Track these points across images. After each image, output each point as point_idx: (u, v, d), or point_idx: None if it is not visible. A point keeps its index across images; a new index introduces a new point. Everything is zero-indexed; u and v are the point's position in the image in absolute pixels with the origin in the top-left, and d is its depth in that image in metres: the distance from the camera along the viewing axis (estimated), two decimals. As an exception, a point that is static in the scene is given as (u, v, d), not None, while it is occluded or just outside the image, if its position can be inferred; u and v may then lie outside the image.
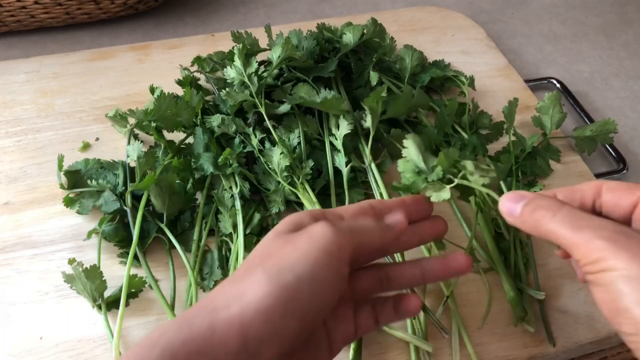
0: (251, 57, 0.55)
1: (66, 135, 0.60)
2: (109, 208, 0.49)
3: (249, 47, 0.62)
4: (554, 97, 0.57)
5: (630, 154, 0.65)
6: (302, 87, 0.55)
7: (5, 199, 0.54)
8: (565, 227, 0.32)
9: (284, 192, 0.51)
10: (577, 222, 0.32)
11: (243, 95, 0.53)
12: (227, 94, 0.54)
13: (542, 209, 0.33)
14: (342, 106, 0.53)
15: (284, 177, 0.51)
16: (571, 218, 0.32)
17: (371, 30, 0.63)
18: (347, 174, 0.52)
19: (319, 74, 0.58)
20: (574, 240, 0.31)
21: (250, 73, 0.54)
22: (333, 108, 0.53)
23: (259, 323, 0.28)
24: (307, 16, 0.84)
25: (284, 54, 0.54)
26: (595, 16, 0.88)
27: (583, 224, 0.31)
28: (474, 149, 0.56)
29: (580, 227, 0.31)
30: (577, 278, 0.49)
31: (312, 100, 0.53)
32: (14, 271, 0.48)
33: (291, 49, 0.54)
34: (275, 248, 0.33)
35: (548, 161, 0.58)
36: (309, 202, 0.49)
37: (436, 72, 0.64)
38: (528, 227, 0.34)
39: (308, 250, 0.31)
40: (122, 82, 0.66)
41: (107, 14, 0.76)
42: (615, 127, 0.57)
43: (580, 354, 0.47)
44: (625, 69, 0.78)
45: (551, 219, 0.33)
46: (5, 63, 0.68)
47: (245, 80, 0.53)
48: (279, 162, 0.50)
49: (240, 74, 0.54)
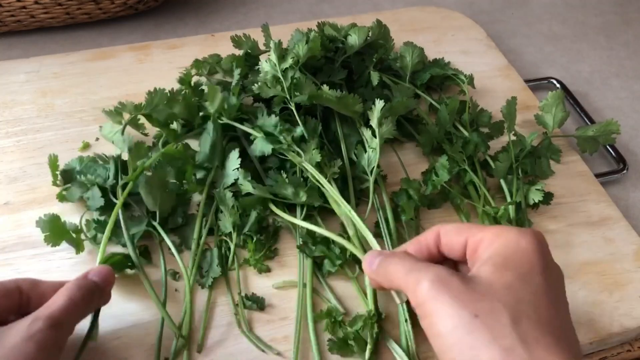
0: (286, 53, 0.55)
1: (66, 135, 0.60)
2: (96, 204, 0.49)
3: (250, 51, 0.62)
4: (557, 96, 0.57)
5: (630, 154, 0.65)
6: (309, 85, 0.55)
7: (5, 199, 0.54)
8: (400, 271, 0.36)
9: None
10: (411, 265, 0.36)
11: (275, 90, 0.53)
12: (260, 87, 0.54)
13: (385, 261, 0.38)
14: (357, 107, 0.53)
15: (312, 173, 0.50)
16: (407, 262, 0.36)
17: (376, 32, 0.63)
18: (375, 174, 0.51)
19: (328, 78, 0.58)
20: (405, 283, 0.35)
21: (284, 68, 0.53)
22: (348, 108, 0.53)
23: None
24: (307, 16, 0.84)
25: (309, 52, 0.54)
26: (595, 16, 0.88)
27: (415, 267, 0.35)
28: (476, 146, 0.56)
29: (412, 270, 0.35)
30: (574, 279, 0.49)
31: (328, 98, 0.52)
32: (14, 271, 0.48)
33: (315, 46, 0.54)
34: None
35: (549, 161, 0.58)
36: (335, 203, 0.49)
37: (436, 70, 0.64)
38: (380, 278, 0.38)
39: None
40: (122, 82, 0.66)
41: (107, 14, 0.76)
42: (618, 127, 0.57)
43: (580, 354, 0.47)
44: (625, 69, 0.78)
45: (389, 267, 0.37)
46: (5, 63, 0.68)
47: (279, 76, 0.53)
48: (311, 157, 0.50)
49: (274, 69, 0.54)
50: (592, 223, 0.55)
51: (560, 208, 0.55)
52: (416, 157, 0.59)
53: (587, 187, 0.58)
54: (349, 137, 0.55)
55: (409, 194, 0.52)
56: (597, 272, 0.50)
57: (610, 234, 0.54)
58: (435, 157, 0.56)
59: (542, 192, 0.53)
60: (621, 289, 0.49)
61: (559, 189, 0.56)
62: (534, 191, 0.53)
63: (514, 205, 0.52)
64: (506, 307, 0.31)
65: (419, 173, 0.57)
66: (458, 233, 0.37)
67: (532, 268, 0.33)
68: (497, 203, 0.53)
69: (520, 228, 0.36)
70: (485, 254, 0.35)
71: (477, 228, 0.36)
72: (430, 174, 0.55)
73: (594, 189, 0.58)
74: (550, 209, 0.55)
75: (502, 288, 0.32)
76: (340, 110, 0.54)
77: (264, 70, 0.55)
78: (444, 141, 0.57)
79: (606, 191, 0.58)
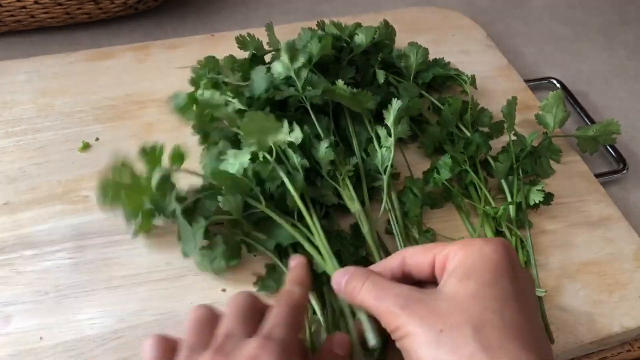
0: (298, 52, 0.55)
1: (66, 135, 0.60)
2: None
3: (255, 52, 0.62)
4: (558, 96, 0.57)
5: (630, 154, 0.65)
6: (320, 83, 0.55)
7: (5, 199, 0.54)
8: (371, 297, 0.35)
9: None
10: (378, 292, 0.35)
11: (289, 90, 0.53)
12: (272, 92, 0.54)
13: (354, 281, 0.37)
14: (370, 104, 0.53)
15: (327, 171, 0.50)
16: (375, 288, 0.35)
17: (383, 32, 0.63)
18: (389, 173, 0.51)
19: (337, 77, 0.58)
20: (378, 311, 0.35)
21: (297, 68, 0.54)
22: (360, 104, 0.53)
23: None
24: (307, 16, 0.84)
25: (322, 51, 0.54)
26: (595, 16, 0.88)
27: (382, 294, 0.35)
28: (478, 147, 0.56)
29: (381, 297, 0.34)
30: (574, 279, 0.49)
31: (341, 93, 0.52)
32: (14, 271, 0.48)
33: (328, 45, 0.54)
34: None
35: (549, 161, 0.58)
36: (349, 200, 0.49)
37: (439, 70, 0.64)
38: (348, 298, 0.38)
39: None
40: (122, 82, 0.66)
41: (107, 14, 0.76)
42: (618, 128, 0.57)
43: (580, 354, 0.47)
44: (625, 69, 0.78)
45: (360, 289, 0.36)
46: (5, 63, 0.68)
47: (292, 76, 0.53)
48: (324, 155, 0.50)
49: (287, 69, 0.54)
50: (592, 223, 0.55)
51: (560, 208, 0.55)
52: (419, 157, 0.60)
53: (587, 187, 0.58)
54: (359, 134, 0.55)
55: (413, 192, 0.52)
56: (597, 272, 0.50)
57: (610, 234, 0.54)
58: (437, 158, 0.56)
59: (542, 192, 0.53)
60: (621, 289, 0.49)
61: (559, 189, 0.56)
62: (535, 192, 0.53)
63: (514, 206, 0.52)
64: (470, 318, 0.32)
65: (420, 174, 0.57)
66: (424, 252, 0.37)
67: (497, 274, 0.34)
68: (498, 203, 0.53)
69: (486, 238, 0.36)
70: (450, 267, 0.35)
71: (443, 245, 0.37)
72: (432, 172, 0.55)
73: (594, 189, 0.58)
74: (550, 209, 0.55)
75: (466, 298, 0.33)
76: (353, 107, 0.54)
77: (277, 72, 0.55)
78: (445, 142, 0.57)
79: (606, 191, 0.58)
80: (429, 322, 0.32)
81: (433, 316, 0.32)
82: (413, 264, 0.38)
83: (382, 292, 0.35)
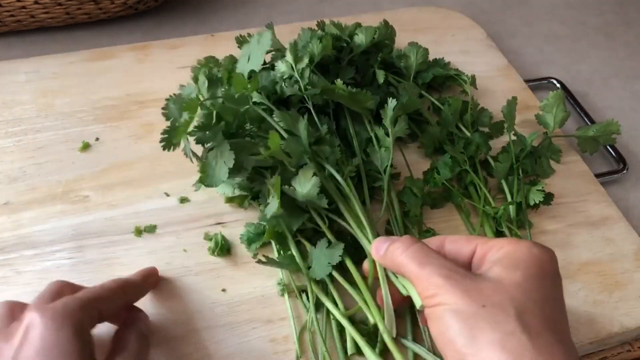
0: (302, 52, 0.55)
1: (66, 135, 0.60)
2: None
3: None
4: (558, 96, 0.57)
5: (630, 154, 0.65)
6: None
7: (5, 199, 0.54)
8: (413, 261, 0.36)
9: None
10: (423, 258, 0.36)
11: (292, 89, 0.53)
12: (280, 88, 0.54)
13: (399, 243, 0.38)
14: (369, 103, 0.53)
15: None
16: (419, 254, 0.37)
17: (383, 32, 0.63)
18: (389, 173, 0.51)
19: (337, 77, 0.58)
20: (417, 274, 0.36)
21: (300, 68, 0.54)
22: (360, 103, 0.53)
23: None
24: (307, 16, 0.84)
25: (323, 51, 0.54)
26: (595, 16, 0.88)
27: (427, 260, 0.36)
28: (478, 147, 0.56)
29: (424, 263, 0.36)
30: (574, 279, 0.49)
31: (341, 93, 0.52)
32: (14, 271, 0.48)
33: (329, 45, 0.54)
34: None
35: (549, 161, 0.58)
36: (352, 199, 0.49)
37: (439, 70, 0.64)
38: (386, 261, 0.39)
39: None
40: (122, 82, 0.66)
41: (107, 14, 0.76)
42: (618, 128, 0.57)
43: (580, 354, 0.47)
44: (625, 69, 0.78)
45: (402, 253, 0.37)
46: (5, 63, 0.68)
47: (296, 75, 0.53)
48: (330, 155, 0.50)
49: (290, 69, 0.54)
50: (592, 223, 0.55)
51: (560, 208, 0.55)
52: (419, 157, 0.59)
53: (587, 187, 0.58)
54: (359, 134, 0.55)
55: (413, 192, 0.52)
56: (597, 272, 0.50)
57: (610, 234, 0.54)
58: (437, 158, 0.56)
59: (542, 192, 0.53)
60: (621, 289, 0.49)
61: (559, 189, 0.56)
62: (535, 192, 0.53)
63: (514, 206, 0.52)
64: (513, 301, 0.32)
65: (420, 174, 0.57)
66: (467, 240, 0.38)
67: (542, 273, 0.35)
68: (498, 203, 0.53)
69: (534, 242, 0.37)
70: (494, 257, 0.36)
71: (486, 238, 0.38)
72: (432, 172, 0.55)
73: (594, 189, 0.58)
74: (550, 209, 0.55)
75: (512, 284, 0.33)
76: (352, 107, 0.54)
77: (281, 71, 0.55)
78: (445, 142, 0.57)
79: (606, 191, 0.58)
80: (472, 295, 0.33)
81: (476, 292, 0.33)
82: (453, 249, 0.39)
83: (427, 259, 0.36)
